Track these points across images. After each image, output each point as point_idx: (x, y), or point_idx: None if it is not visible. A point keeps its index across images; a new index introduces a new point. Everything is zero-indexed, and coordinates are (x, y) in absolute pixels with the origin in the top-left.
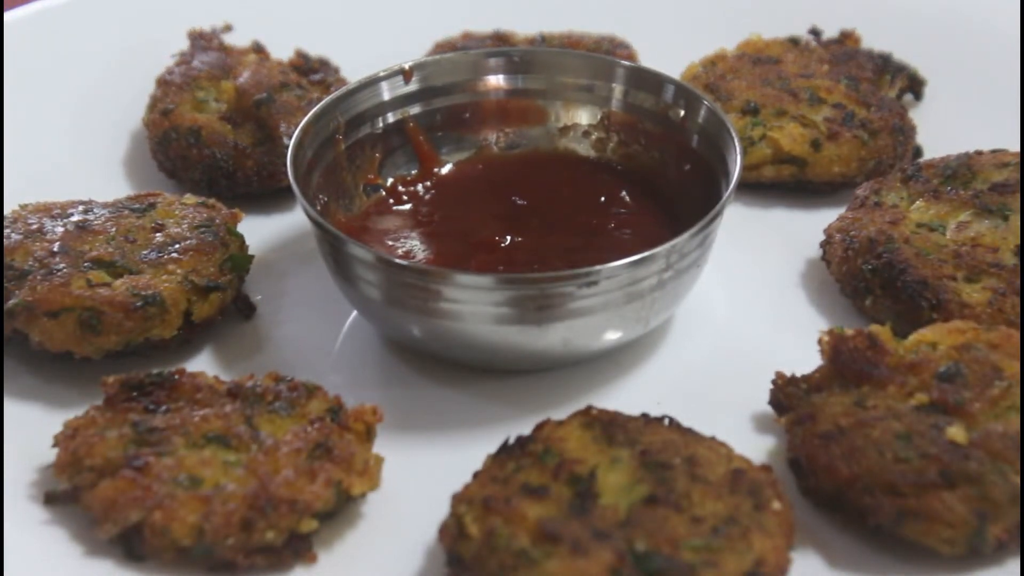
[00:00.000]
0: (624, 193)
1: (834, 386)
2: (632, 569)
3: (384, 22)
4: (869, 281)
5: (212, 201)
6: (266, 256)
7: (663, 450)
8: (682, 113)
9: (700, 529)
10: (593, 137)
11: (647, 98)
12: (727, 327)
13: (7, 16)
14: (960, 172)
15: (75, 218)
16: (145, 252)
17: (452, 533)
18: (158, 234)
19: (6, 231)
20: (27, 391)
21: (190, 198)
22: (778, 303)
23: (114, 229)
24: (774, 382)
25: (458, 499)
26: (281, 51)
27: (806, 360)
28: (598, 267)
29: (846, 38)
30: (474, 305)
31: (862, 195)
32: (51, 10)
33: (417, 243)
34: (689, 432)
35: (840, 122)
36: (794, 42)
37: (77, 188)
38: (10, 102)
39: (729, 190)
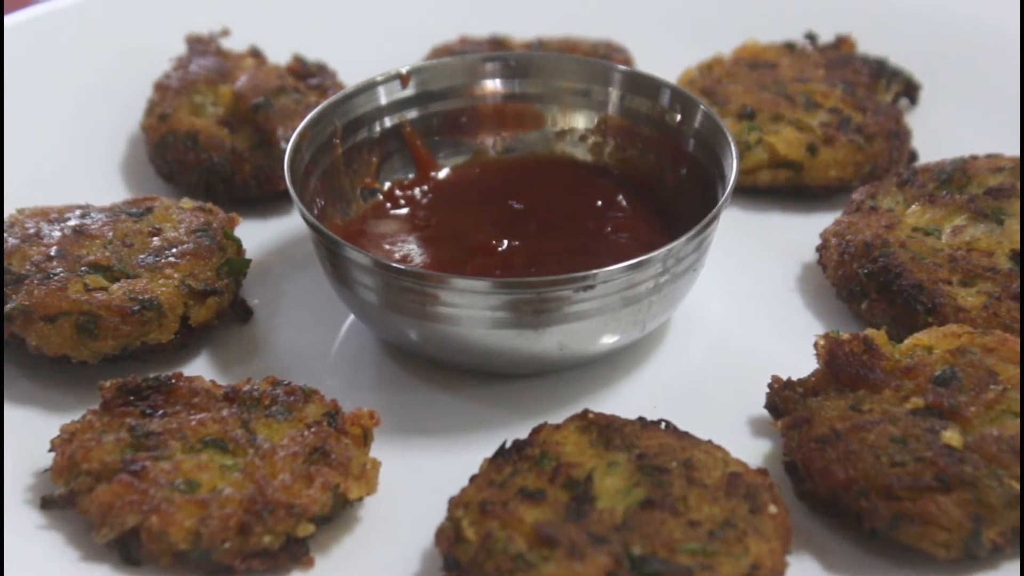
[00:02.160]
0: (621, 197)
1: (830, 390)
2: (629, 573)
3: (381, 27)
4: (865, 285)
5: (209, 205)
6: (263, 260)
7: (659, 454)
8: (678, 117)
9: (696, 533)
10: (590, 141)
11: (643, 102)
12: (723, 331)
13: (6, 20)
14: (955, 176)
15: (72, 222)
16: (142, 256)
17: (449, 537)
18: (155, 238)
19: (4, 235)
20: (24, 395)
21: (187, 202)
22: (774, 307)
23: (111, 233)
24: (770, 386)
25: (455, 503)
26: (278, 55)
27: (802, 364)
28: (595, 271)
29: (842, 43)
30: (471, 309)
31: (858, 199)
32: (49, 14)
33: (414, 247)
34: (685, 436)
35: (836, 127)
36: (790, 47)
37: (74, 192)
38: (8, 106)
39: (725, 194)
